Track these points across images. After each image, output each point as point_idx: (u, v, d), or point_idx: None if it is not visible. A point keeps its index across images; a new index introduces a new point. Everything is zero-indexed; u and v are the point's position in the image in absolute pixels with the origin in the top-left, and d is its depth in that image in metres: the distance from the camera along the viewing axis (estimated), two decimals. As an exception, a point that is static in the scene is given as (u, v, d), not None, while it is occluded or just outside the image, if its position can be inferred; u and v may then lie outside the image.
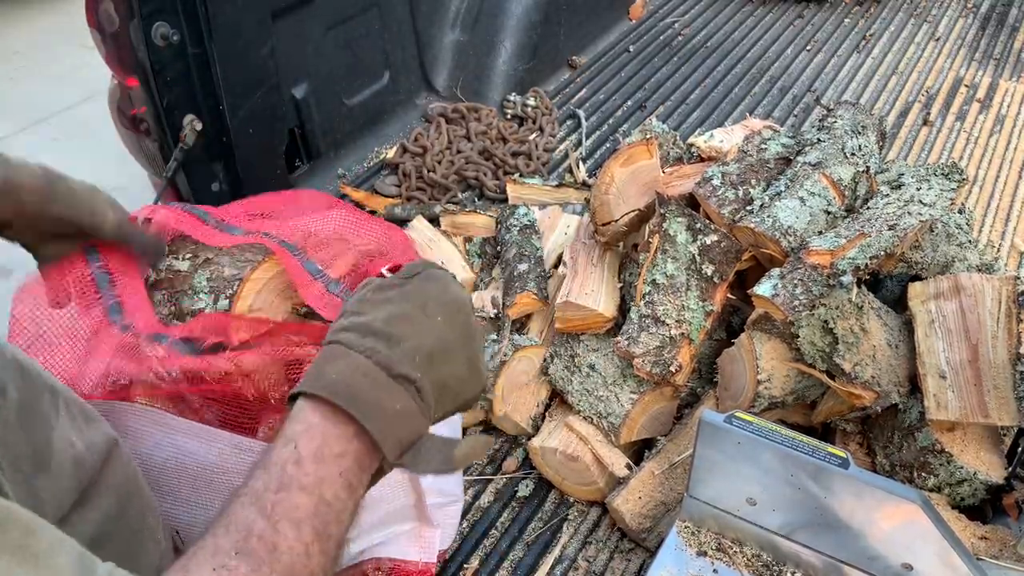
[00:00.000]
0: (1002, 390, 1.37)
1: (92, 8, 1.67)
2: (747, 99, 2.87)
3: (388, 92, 2.56)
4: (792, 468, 1.18)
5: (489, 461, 1.65)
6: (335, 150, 2.44)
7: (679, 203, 1.57)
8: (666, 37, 3.24)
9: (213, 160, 1.95)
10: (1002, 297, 1.41)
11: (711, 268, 1.54)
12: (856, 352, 1.42)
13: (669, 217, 1.55)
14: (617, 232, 1.67)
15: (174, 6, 1.70)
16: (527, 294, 1.69)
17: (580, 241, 1.78)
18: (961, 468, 1.38)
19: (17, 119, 3.83)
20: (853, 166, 1.72)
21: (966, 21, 3.36)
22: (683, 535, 1.36)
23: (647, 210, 1.65)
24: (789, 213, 1.61)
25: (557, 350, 1.64)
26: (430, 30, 2.65)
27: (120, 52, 1.70)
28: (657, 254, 1.55)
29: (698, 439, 1.24)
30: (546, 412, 1.69)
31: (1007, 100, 2.82)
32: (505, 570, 1.47)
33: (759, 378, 1.46)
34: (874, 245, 1.49)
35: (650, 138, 1.71)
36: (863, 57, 3.12)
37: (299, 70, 2.20)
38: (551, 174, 2.49)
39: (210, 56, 1.81)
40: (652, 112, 2.77)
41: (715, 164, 1.79)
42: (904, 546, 1.15)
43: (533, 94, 2.75)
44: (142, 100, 1.76)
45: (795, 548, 1.27)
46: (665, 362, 1.50)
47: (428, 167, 2.39)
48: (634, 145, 1.70)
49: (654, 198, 1.61)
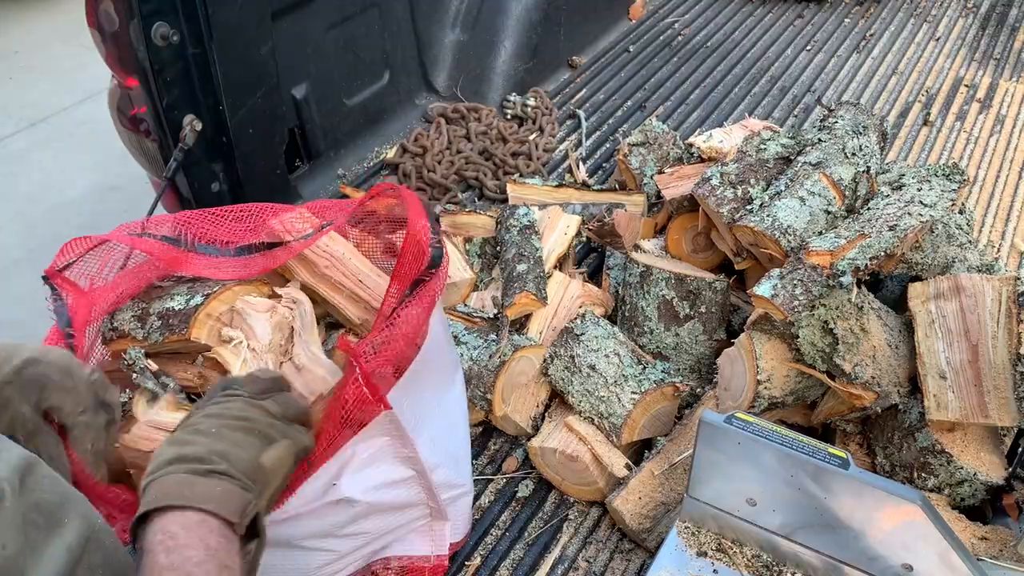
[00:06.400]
0: (1002, 390, 1.38)
1: (92, 8, 1.67)
2: (747, 99, 2.87)
3: (388, 92, 2.56)
4: (792, 468, 1.18)
5: (489, 461, 1.65)
6: (335, 150, 2.44)
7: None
8: (666, 37, 3.24)
9: (213, 160, 1.95)
10: (1002, 297, 1.41)
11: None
12: (856, 352, 1.41)
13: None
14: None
15: (174, 6, 1.70)
16: (526, 294, 1.69)
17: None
18: (961, 468, 1.39)
19: (16, 119, 3.83)
20: (853, 166, 1.72)
21: (966, 21, 3.36)
22: (683, 535, 1.36)
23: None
24: (789, 212, 1.61)
25: (557, 351, 1.64)
26: (430, 30, 2.65)
27: (120, 52, 1.70)
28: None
29: (698, 439, 1.24)
30: (546, 412, 1.69)
31: (1007, 100, 2.82)
32: (506, 569, 1.47)
33: (759, 378, 1.46)
34: (874, 246, 1.48)
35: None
36: (863, 57, 3.12)
37: (299, 70, 2.20)
38: (551, 174, 2.49)
39: (210, 56, 1.81)
40: (652, 112, 2.77)
41: (714, 164, 1.79)
42: (904, 546, 1.15)
43: (533, 94, 2.75)
44: (142, 100, 1.76)
45: (795, 548, 1.27)
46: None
47: (428, 167, 2.39)
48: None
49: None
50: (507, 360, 1.58)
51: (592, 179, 2.45)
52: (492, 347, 1.61)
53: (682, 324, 1.70)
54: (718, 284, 1.69)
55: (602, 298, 1.88)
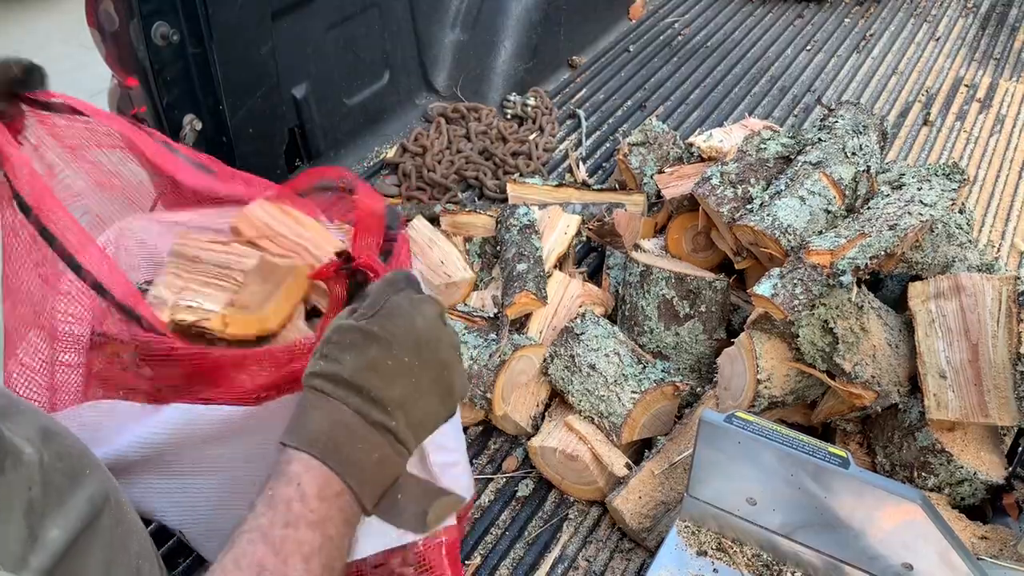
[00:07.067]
0: (1002, 390, 1.38)
1: (92, 8, 1.67)
2: (747, 99, 2.87)
3: (388, 92, 2.56)
4: (792, 468, 1.18)
5: (489, 461, 1.65)
6: (335, 150, 2.44)
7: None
8: (666, 37, 3.24)
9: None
10: (1002, 297, 1.41)
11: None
12: (856, 352, 1.42)
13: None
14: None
15: (174, 6, 1.70)
16: (526, 294, 1.69)
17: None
18: (961, 468, 1.39)
19: (17, 119, 3.83)
20: (854, 166, 1.72)
21: (966, 21, 3.36)
22: (683, 535, 1.36)
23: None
24: (789, 212, 1.61)
25: (557, 350, 1.64)
26: (430, 30, 2.65)
27: (120, 52, 1.70)
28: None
29: (698, 439, 1.24)
30: (546, 411, 1.69)
31: (1007, 100, 2.82)
32: (506, 568, 1.47)
33: (759, 378, 1.46)
34: (874, 245, 1.49)
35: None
36: (863, 57, 3.12)
37: (299, 70, 2.20)
38: (551, 174, 2.49)
39: (210, 56, 1.81)
40: (652, 112, 2.77)
41: (714, 164, 1.79)
42: (904, 546, 1.15)
43: (533, 94, 2.75)
44: (142, 100, 1.76)
45: (795, 548, 1.27)
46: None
47: (428, 167, 2.39)
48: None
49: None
50: (507, 359, 1.58)
51: (592, 179, 2.45)
52: (492, 346, 1.61)
53: (682, 323, 1.70)
54: (718, 283, 1.69)
55: (602, 297, 1.88)
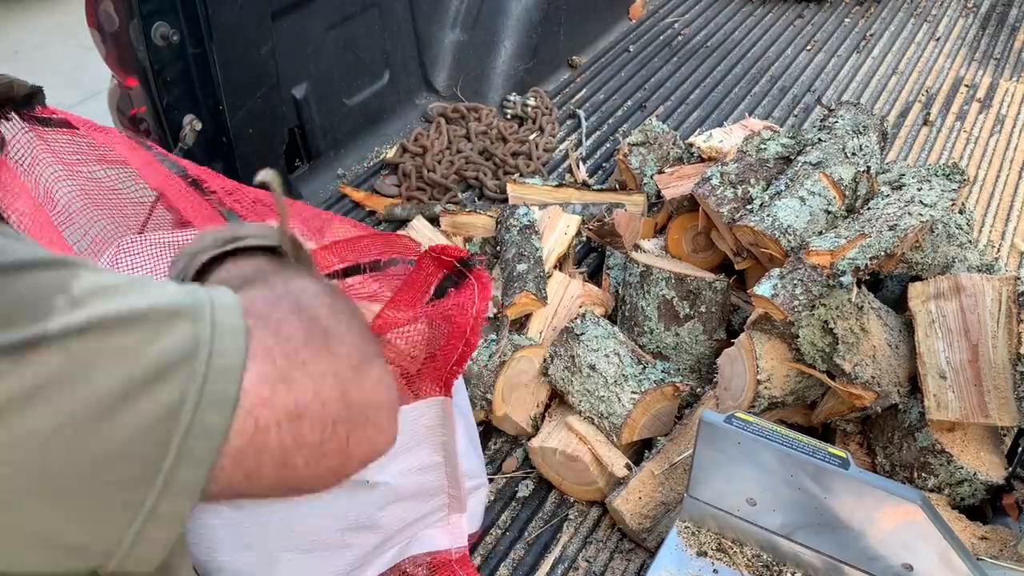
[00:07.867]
0: (1002, 390, 1.38)
1: (92, 8, 1.67)
2: (747, 99, 2.86)
3: (388, 92, 2.56)
4: (792, 468, 1.18)
5: (489, 461, 1.65)
6: (335, 150, 2.44)
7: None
8: (666, 37, 3.24)
9: (213, 160, 1.95)
10: (1002, 297, 1.41)
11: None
12: (856, 352, 1.41)
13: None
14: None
15: (174, 6, 1.70)
16: (526, 294, 1.69)
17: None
18: (961, 468, 1.38)
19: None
20: (854, 166, 1.72)
21: (966, 21, 3.35)
22: (683, 535, 1.36)
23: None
24: (789, 212, 1.61)
25: (557, 351, 1.64)
26: (430, 30, 2.65)
27: (120, 52, 1.70)
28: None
29: (698, 439, 1.24)
30: (546, 412, 1.69)
31: (1007, 100, 2.82)
32: (506, 568, 1.47)
33: (759, 378, 1.46)
34: (874, 245, 1.48)
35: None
36: (863, 57, 3.12)
37: (299, 70, 2.20)
38: (551, 174, 2.49)
39: (210, 56, 1.81)
40: (652, 112, 2.77)
41: (714, 164, 1.79)
42: (904, 546, 1.15)
43: (533, 94, 2.75)
44: (142, 100, 1.76)
45: (795, 548, 1.27)
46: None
47: (428, 167, 2.39)
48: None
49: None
50: (507, 360, 1.58)
51: (592, 179, 2.45)
52: (492, 347, 1.61)
53: (682, 324, 1.70)
54: (718, 284, 1.69)
55: (602, 298, 1.88)
